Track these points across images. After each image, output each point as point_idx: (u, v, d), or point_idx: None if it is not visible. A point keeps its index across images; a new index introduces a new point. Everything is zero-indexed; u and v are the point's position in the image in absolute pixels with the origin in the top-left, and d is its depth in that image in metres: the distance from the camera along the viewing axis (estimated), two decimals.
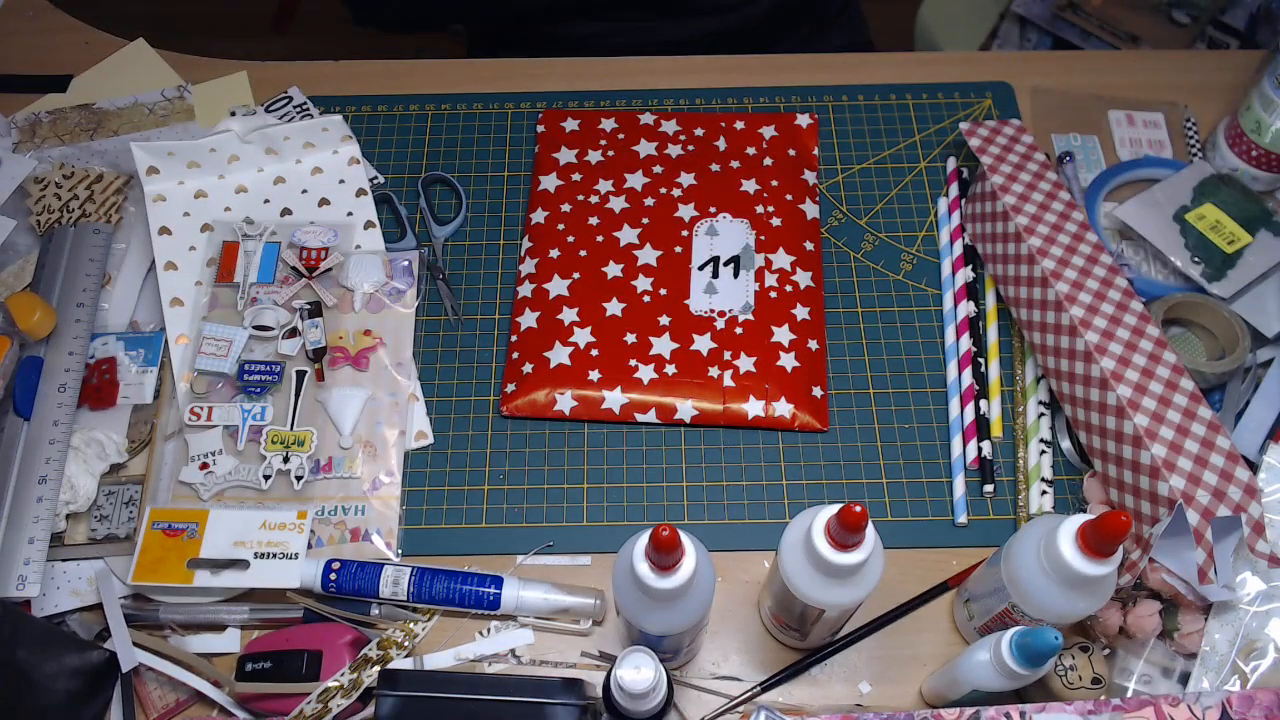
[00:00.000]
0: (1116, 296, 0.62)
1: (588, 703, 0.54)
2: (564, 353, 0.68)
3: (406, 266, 0.72)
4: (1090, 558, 0.47)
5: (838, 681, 0.60)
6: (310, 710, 0.55)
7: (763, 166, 0.77)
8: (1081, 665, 0.55)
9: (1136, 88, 0.83)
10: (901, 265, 0.75)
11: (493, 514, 0.65)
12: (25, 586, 0.58)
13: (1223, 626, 0.57)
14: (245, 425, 0.65)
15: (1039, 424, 0.67)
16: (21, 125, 0.81)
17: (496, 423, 0.69)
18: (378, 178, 0.78)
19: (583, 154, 0.78)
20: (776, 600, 0.55)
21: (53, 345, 0.66)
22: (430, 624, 0.61)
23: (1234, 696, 0.52)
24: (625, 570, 0.48)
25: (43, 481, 0.61)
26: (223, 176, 0.75)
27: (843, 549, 0.47)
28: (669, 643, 0.52)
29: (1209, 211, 0.71)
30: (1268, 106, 0.72)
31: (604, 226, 0.74)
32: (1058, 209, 0.66)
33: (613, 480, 0.66)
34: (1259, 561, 0.56)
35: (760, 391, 0.67)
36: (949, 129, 0.81)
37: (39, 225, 0.74)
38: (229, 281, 0.70)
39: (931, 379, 0.70)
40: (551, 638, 0.62)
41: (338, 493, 0.64)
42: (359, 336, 0.69)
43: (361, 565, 0.60)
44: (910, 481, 0.66)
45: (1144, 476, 0.56)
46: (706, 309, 0.70)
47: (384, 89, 0.84)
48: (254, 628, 0.61)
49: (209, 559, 0.60)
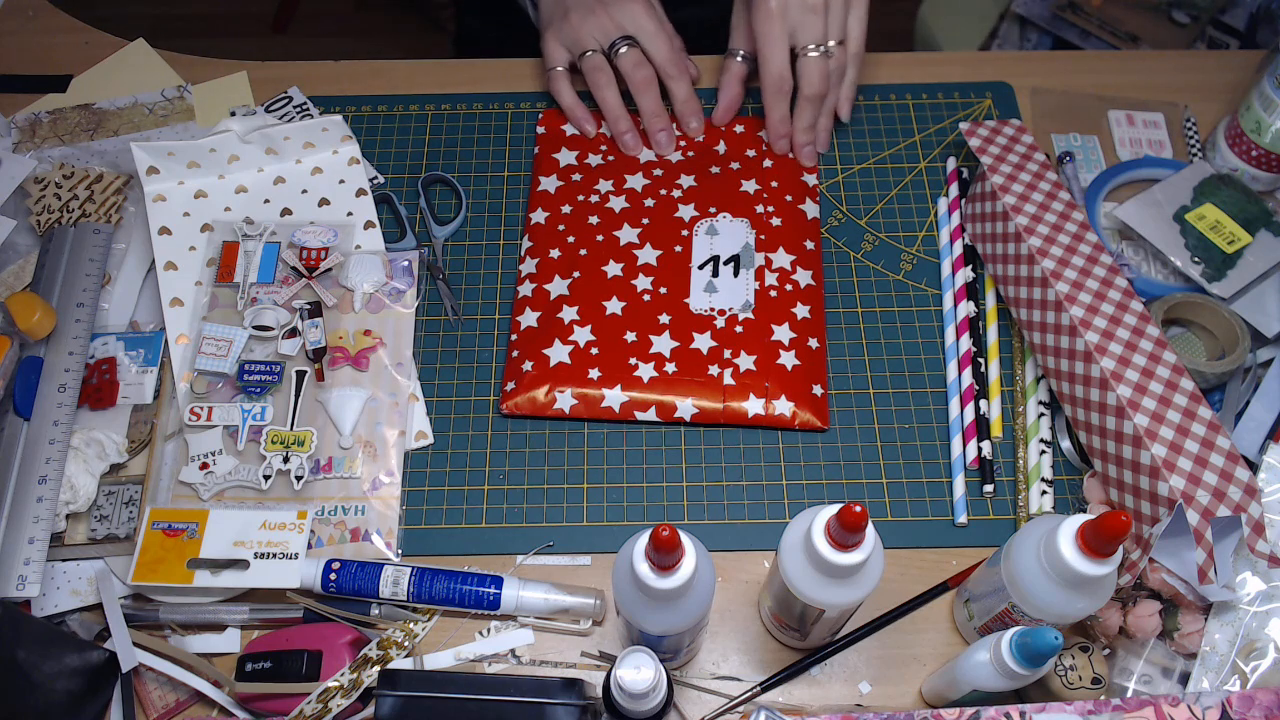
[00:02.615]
0: (1116, 296, 0.62)
1: (588, 703, 0.54)
2: (564, 351, 0.68)
3: (406, 266, 0.72)
4: (1090, 558, 0.47)
5: (838, 681, 0.60)
6: (310, 710, 0.55)
7: (762, 168, 0.77)
8: (1081, 665, 0.55)
9: (1136, 88, 0.83)
10: (901, 265, 0.75)
11: (493, 514, 0.65)
12: (25, 586, 0.58)
13: (1223, 626, 0.57)
14: (245, 425, 0.65)
15: (1039, 424, 0.67)
16: (21, 125, 0.81)
17: (496, 422, 0.69)
18: (378, 178, 0.78)
19: (583, 156, 0.78)
20: (776, 600, 0.55)
21: (53, 345, 0.66)
22: (430, 624, 0.61)
23: (1234, 696, 0.52)
24: (625, 570, 0.48)
25: (43, 481, 0.61)
26: (223, 176, 0.75)
27: (843, 549, 0.47)
28: (669, 643, 0.52)
29: (1209, 211, 0.71)
30: (1268, 106, 0.72)
31: (604, 226, 0.74)
32: (1058, 209, 0.66)
33: (613, 480, 0.66)
34: (1259, 561, 0.56)
35: (760, 390, 0.67)
36: (949, 129, 0.81)
37: (39, 225, 0.74)
38: (229, 281, 0.70)
39: (931, 379, 0.70)
40: (551, 638, 0.62)
41: (338, 493, 0.64)
42: (359, 336, 0.69)
43: (361, 565, 0.60)
44: (910, 481, 0.66)
45: (1144, 476, 0.56)
46: (706, 308, 0.70)
47: (384, 89, 0.84)
48: (254, 628, 0.61)
49: (209, 559, 0.60)
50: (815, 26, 0.70)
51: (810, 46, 0.70)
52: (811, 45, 0.70)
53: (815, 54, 0.70)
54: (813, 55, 0.71)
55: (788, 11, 0.69)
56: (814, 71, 0.71)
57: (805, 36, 0.70)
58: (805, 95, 0.73)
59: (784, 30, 0.70)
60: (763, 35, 0.71)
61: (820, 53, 0.71)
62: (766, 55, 0.71)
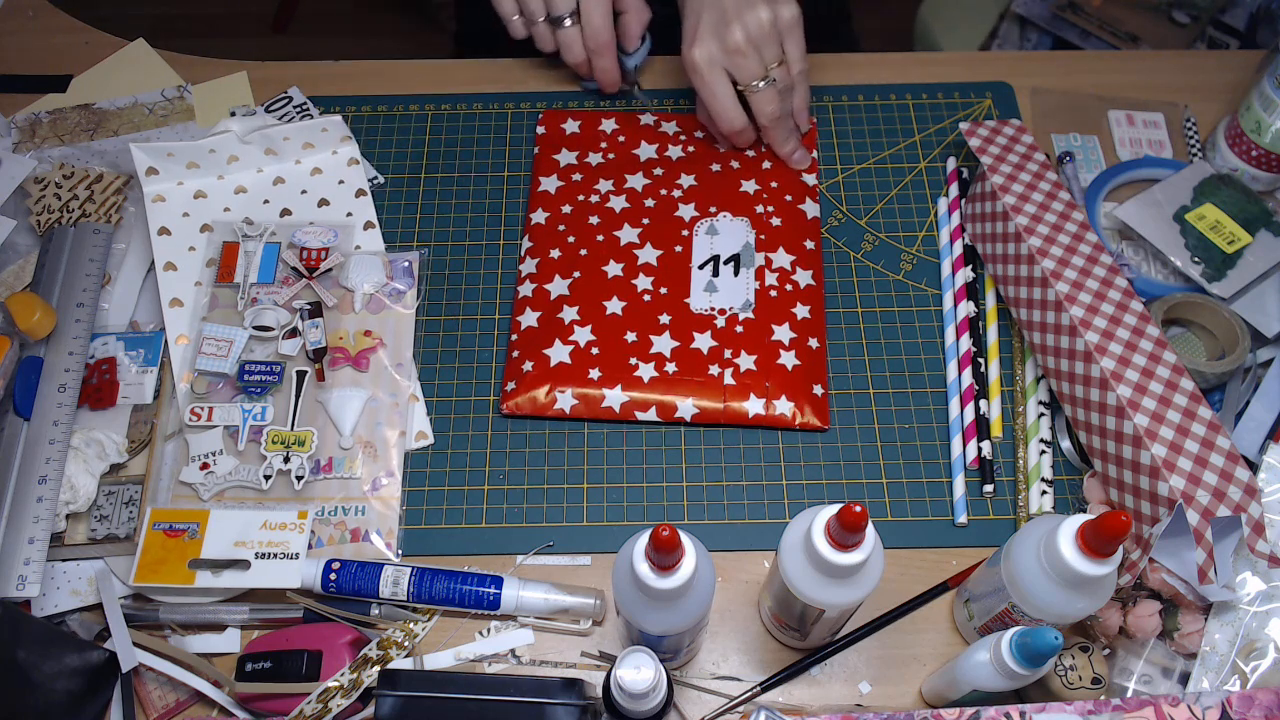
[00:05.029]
0: (1116, 296, 0.62)
1: (588, 703, 0.54)
2: (564, 351, 0.68)
3: (407, 267, 0.72)
4: (1090, 558, 0.47)
5: (838, 681, 0.60)
6: (310, 710, 0.55)
7: (762, 168, 0.77)
8: (1081, 665, 0.55)
9: (1136, 88, 0.83)
10: (901, 265, 0.75)
11: (493, 514, 0.65)
12: (25, 586, 0.58)
13: (1223, 626, 0.57)
14: (245, 425, 0.65)
15: (1039, 424, 0.67)
16: (21, 125, 0.81)
17: (496, 423, 0.69)
18: (377, 178, 0.78)
19: (583, 155, 0.78)
20: (776, 600, 0.55)
21: (53, 345, 0.66)
22: (430, 624, 0.61)
23: (1234, 696, 0.52)
24: (625, 570, 0.48)
25: (43, 481, 0.61)
26: (222, 177, 0.75)
27: (843, 549, 0.47)
28: (669, 643, 0.52)
29: (1209, 211, 0.71)
30: (1268, 106, 0.72)
31: (604, 226, 0.74)
32: (1058, 209, 0.66)
33: (613, 480, 0.66)
34: (1259, 561, 0.56)
35: (761, 390, 0.67)
36: (949, 129, 0.81)
37: (39, 225, 0.74)
38: (229, 282, 0.70)
39: (931, 379, 0.70)
40: (551, 638, 0.62)
41: (338, 493, 0.64)
42: (359, 337, 0.69)
43: (361, 565, 0.60)
44: (910, 481, 0.66)
45: (1144, 476, 0.56)
46: (707, 307, 0.70)
47: (384, 89, 0.84)
48: (254, 628, 0.61)
49: (210, 559, 0.60)
50: (749, 66, 0.70)
51: (753, 83, 0.70)
52: (753, 81, 0.70)
53: (761, 85, 0.70)
54: (759, 88, 0.71)
55: (714, 62, 0.70)
56: (764, 102, 0.71)
57: (744, 75, 0.70)
58: (764, 125, 0.73)
59: (720, 77, 0.70)
60: (701, 89, 0.71)
61: (766, 84, 0.70)
62: (712, 106, 0.72)
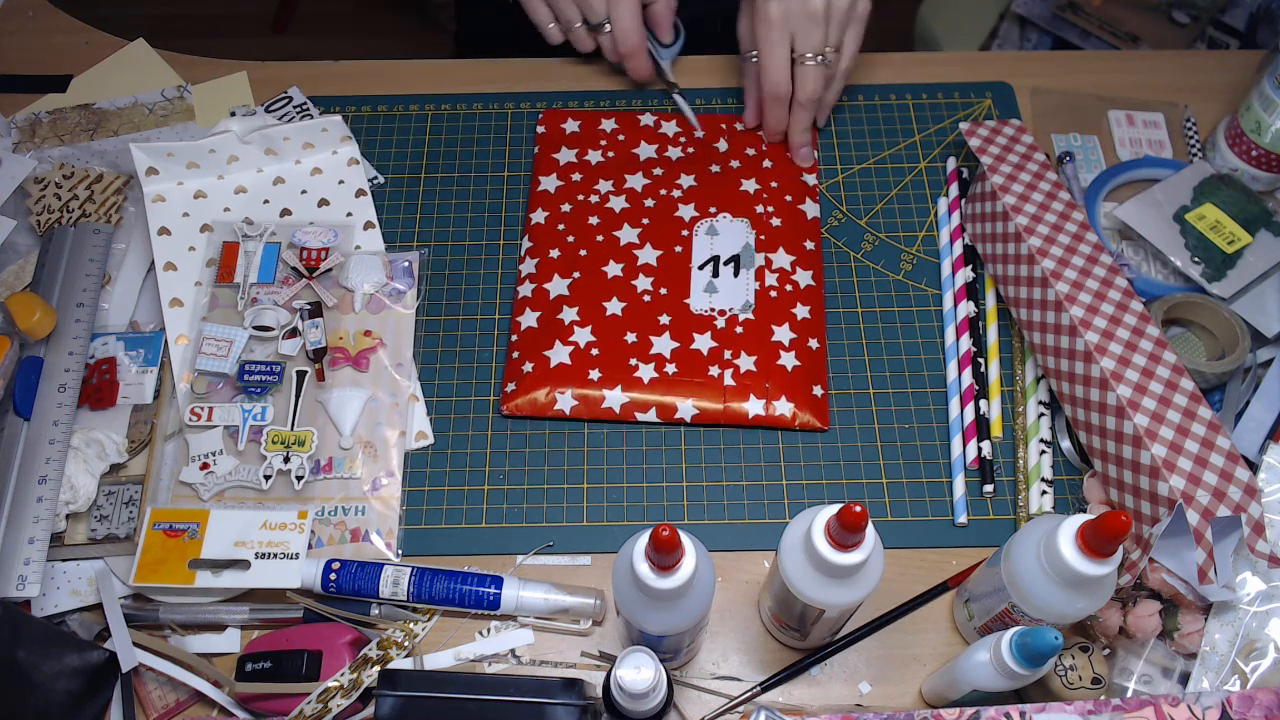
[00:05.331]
0: (1116, 296, 0.62)
1: (588, 703, 0.54)
2: (564, 352, 0.68)
3: (407, 267, 0.72)
4: (1090, 558, 0.47)
5: (838, 681, 0.60)
6: (310, 710, 0.55)
7: (762, 168, 0.77)
8: (1081, 665, 0.55)
9: (1136, 88, 0.83)
10: (901, 265, 0.75)
11: (493, 514, 0.65)
12: (25, 586, 0.58)
13: (1223, 626, 0.57)
14: (245, 425, 0.65)
15: (1039, 424, 0.67)
16: (21, 125, 0.81)
17: (496, 423, 0.69)
18: (377, 178, 0.78)
19: (583, 155, 0.78)
20: (776, 600, 0.55)
21: (53, 345, 0.66)
22: (430, 624, 0.61)
23: (1234, 696, 0.52)
24: (625, 570, 0.48)
25: (43, 481, 0.61)
26: (222, 177, 0.75)
27: (843, 549, 0.47)
28: (669, 643, 0.52)
29: (1209, 211, 0.71)
30: (1268, 106, 0.72)
31: (604, 226, 0.74)
32: (1058, 209, 0.66)
33: (613, 480, 0.66)
34: (1259, 561, 0.56)
35: (760, 390, 0.67)
36: (949, 129, 0.81)
37: (39, 225, 0.74)
38: (229, 282, 0.70)
39: (931, 379, 0.70)
40: (551, 638, 0.62)
41: (338, 493, 0.64)
42: (359, 337, 0.69)
43: (361, 565, 0.60)
44: (910, 481, 0.66)
45: (1144, 476, 0.56)
46: (707, 308, 0.70)
47: (384, 89, 0.84)
48: (254, 628, 0.61)
49: (210, 559, 0.60)
50: (815, 35, 0.71)
51: (809, 55, 0.72)
52: (810, 53, 0.71)
53: (813, 62, 0.72)
54: (810, 63, 0.72)
55: (789, 19, 0.70)
56: (811, 78, 0.73)
57: (805, 44, 0.71)
58: (800, 100, 0.74)
59: (784, 37, 0.71)
60: (763, 41, 0.72)
61: (818, 61, 0.72)
62: (766, 62, 0.72)
